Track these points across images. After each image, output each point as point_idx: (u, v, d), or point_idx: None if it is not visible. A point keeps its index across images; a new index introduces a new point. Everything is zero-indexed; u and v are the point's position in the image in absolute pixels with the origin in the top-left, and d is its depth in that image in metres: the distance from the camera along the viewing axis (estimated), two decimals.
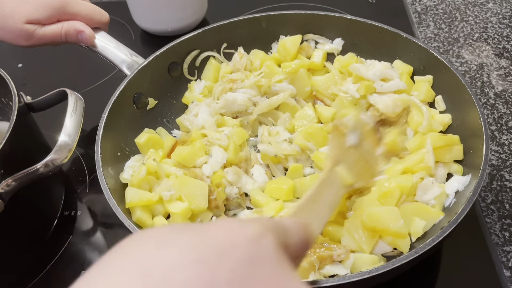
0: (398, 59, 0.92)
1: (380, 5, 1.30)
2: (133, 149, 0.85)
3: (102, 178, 0.70)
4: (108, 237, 0.83)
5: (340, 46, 0.98)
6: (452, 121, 0.82)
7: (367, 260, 0.65)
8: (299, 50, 0.96)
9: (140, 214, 0.71)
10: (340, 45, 0.98)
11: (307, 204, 0.52)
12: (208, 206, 0.75)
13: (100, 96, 0.88)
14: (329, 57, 0.98)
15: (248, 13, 1.27)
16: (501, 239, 0.79)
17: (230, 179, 0.78)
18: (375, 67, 0.87)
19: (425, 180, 0.73)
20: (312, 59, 0.96)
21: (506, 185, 0.87)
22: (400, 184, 0.70)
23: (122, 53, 0.90)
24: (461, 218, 0.60)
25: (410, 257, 0.57)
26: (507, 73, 1.10)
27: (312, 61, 0.95)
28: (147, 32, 1.26)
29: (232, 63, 0.96)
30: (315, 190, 0.54)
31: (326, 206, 0.54)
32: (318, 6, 1.28)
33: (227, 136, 0.82)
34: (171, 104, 0.96)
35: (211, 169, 0.79)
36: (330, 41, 0.99)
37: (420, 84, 0.87)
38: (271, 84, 0.90)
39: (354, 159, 0.61)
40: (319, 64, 0.95)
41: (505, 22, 1.24)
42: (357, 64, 0.89)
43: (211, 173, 0.78)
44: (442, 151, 0.76)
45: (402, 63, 0.91)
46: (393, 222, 0.65)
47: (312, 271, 0.63)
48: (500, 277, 0.73)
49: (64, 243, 0.81)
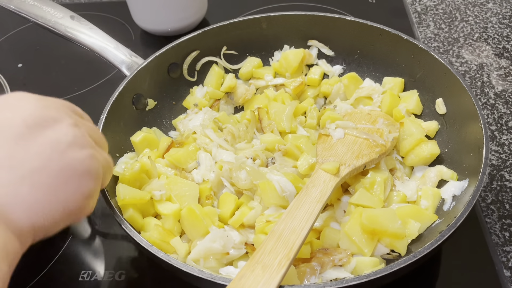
0: (387, 76, 0.94)
1: (380, 5, 1.30)
2: (132, 150, 0.85)
3: None
4: (108, 237, 0.83)
5: (339, 71, 0.99)
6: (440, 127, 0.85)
7: (369, 263, 0.65)
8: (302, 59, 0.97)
9: (132, 212, 0.71)
10: (338, 71, 1.00)
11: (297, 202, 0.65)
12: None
13: (100, 97, 0.88)
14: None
15: (248, 13, 1.27)
16: (501, 239, 0.79)
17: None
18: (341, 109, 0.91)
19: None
20: (310, 74, 0.98)
21: (506, 185, 0.87)
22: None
23: (121, 53, 0.90)
24: (460, 222, 0.61)
25: (408, 261, 0.57)
26: (507, 73, 1.09)
27: (309, 77, 0.97)
28: (147, 32, 1.26)
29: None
30: (302, 191, 0.66)
31: (313, 203, 0.65)
32: (318, 6, 1.28)
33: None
34: (171, 105, 0.96)
35: (201, 176, 0.79)
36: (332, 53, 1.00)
37: (409, 96, 0.89)
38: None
39: (342, 150, 0.77)
40: (317, 80, 0.97)
41: (505, 22, 1.24)
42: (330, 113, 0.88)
43: (200, 180, 0.79)
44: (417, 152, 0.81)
45: (392, 78, 0.92)
46: (391, 223, 0.66)
47: (313, 275, 0.63)
48: (500, 277, 0.73)
49: (63, 244, 0.81)
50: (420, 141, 0.81)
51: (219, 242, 0.67)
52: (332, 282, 0.55)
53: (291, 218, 0.63)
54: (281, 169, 0.79)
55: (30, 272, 0.78)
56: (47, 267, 0.78)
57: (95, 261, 0.79)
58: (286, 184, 0.73)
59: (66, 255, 0.80)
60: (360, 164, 0.75)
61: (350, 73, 0.95)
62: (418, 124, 0.84)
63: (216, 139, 0.84)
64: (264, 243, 0.59)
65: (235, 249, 0.69)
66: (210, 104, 0.96)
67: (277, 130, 0.87)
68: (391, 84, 0.92)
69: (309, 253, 0.68)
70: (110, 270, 0.77)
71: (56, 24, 0.91)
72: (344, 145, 0.79)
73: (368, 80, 0.96)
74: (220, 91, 0.96)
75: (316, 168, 0.74)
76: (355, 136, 0.80)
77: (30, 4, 0.92)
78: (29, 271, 0.78)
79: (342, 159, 0.75)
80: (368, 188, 0.73)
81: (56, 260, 0.79)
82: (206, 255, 0.67)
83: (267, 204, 0.74)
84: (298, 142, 0.83)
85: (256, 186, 0.75)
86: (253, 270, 0.55)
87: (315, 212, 0.64)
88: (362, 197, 0.72)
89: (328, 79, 0.98)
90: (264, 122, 0.87)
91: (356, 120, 0.84)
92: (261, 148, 0.82)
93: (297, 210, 0.64)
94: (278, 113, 0.88)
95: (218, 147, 0.84)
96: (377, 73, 0.97)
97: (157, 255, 0.60)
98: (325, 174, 0.72)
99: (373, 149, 0.78)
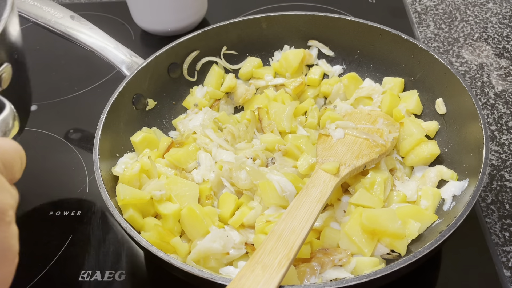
0: (387, 76, 0.94)
1: (380, 5, 1.30)
2: (132, 150, 0.85)
3: (100, 180, 0.70)
4: (108, 237, 0.83)
5: (339, 71, 1.00)
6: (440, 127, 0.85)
7: (369, 263, 0.65)
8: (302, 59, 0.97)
9: (132, 212, 0.71)
10: (338, 71, 1.00)
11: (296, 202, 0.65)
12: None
13: (99, 97, 0.89)
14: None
15: (248, 13, 1.27)
16: (501, 239, 0.79)
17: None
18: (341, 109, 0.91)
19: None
20: (310, 75, 0.98)
21: (506, 185, 0.87)
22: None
23: (121, 53, 0.90)
24: (460, 222, 0.61)
25: (408, 261, 0.57)
26: (507, 73, 1.09)
27: (309, 77, 0.97)
28: (147, 32, 1.26)
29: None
30: (302, 192, 0.66)
31: (313, 203, 0.65)
32: (318, 6, 1.28)
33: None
34: (171, 105, 0.96)
35: (201, 176, 0.79)
36: (332, 53, 1.00)
37: (409, 96, 0.89)
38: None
39: (342, 150, 0.77)
40: (317, 80, 0.97)
41: (505, 22, 1.24)
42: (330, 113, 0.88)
43: (200, 180, 0.79)
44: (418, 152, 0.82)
45: (392, 78, 0.92)
46: (391, 223, 0.66)
47: (314, 275, 0.63)
48: (500, 277, 0.73)
49: (63, 244, 0.81)
50: (420, 141, 0.81)
51: (219, 242, 0.67)
52: (332, 282, 0.55)
53: (291, 218, 0.63)
54: (281, 169, 0.79)
55: (30, 272, 0.78)
56: (47, 267, 0.78)
57: (95, 261, 0.79)
58: (286, 184, 0.73)
59: (66, 255, 0.80)
60: (360, 164, 0.75)
61: (350, 73, 0.95)
62: (418, 124, 0.84)
63: (216, 139, 0.84)
64: (264, 243, 0.59)
65: (235, 249, 0.69)
66: (210, 104, 0.97)
67: (277, 130, 0.87)
68: (391, 84, 0.92)
69: (309, 253, 0.68)
70: (110, 270, 0.77)
71: (56, 24, 0.91)
72: (344, 145, 0.79)
73: (368, 80, 0.96)
74: (220, 91, 0.96)
75: (316, 168, 0.74)
76: (355, 136, 0.80)
77: (30, 4, 0.92)
78: (29, 271, 0.78)
79: (342, 159, 0.75)
80: (368, 188, 0.73)
81: (56, 260, 0.79)
82: (206, 255, 0.68)
83: (267, 204, 0.74)
84: (298, 142, 0.83)
85: (256, 186, 0.75)
86: (253, 270, 0.55)
87: (315, 212, 0.64)
88: (362, 197, 0.72)
89: (328, 79, 0.98)
90: (264, 122, 0.87)
91: (356, 120, 0.84)
92: (261, 148, 0.82)
93: (297, 210, 0.64)
94: (278, 113, 0.88)
95: (218, 147, 0.84)
96: (377, 73, 0.97)
97: (157, 255, 0.60)
98: (325, 174, 0.72)
99: (373, 149, 0.78)
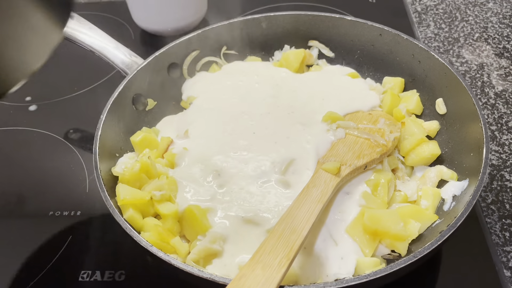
0: (387, 76, 0.94)
1: (380, 5, 1.30)
2: (132, 150, 0.84)
3: (100, 180, 0.70)
4: (107, 237, 0.83)
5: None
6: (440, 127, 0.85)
7: (370, 263, 0.65)
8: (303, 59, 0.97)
9: (132, 212, 0.70)
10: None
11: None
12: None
13: (100, 97, 0.88)
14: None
15: (248, 13, 1.27)
16: (501, 239, 0.79)
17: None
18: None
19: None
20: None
21: (506, 185, 0.87)
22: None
23: (121, 53, 0.90)
24: (460, 222, 0.61)
25: (408, 261, 0.57)
26: (507, 73, 1.09)
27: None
28: (147, 32, 1.26)
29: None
30: (303, 191, 0.68)
31: (314, 203, 0.66)
32: (318, 6, 1.28)
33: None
34: (171, 105, 0.96)
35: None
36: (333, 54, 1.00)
37: (409, 96, 0.89)
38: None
39: (343, 149, 0.78)
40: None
41: (505, 22, 1.24)
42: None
43: None
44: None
45: (392, 78, 0.92)
46: (393, 225, 0.66)
47: None
48: (500, 277, 0.73)
49: (63, 244, 0.81)
50: (421, 141, 0.80)
51: (218, 242, 0.67)
52: (332, 282, 0.55)
53: (291, 218, 0.63)
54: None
55: (30, 272, 0.78)
56: (47, 267, 0.78)
57: (95, 261, 0.79)
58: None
59: (66, 255, 0.80)
60: (361, 164, 0.75)
61: (351, 72, 0.95)
62: (419, 124, 0.84)
63: None
64: (264, 243, 0.59)
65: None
66: None
67: None
68: (391, 84, 0.92)
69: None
70: (110, 270, 0.77)
71: None
72: (345, 145, 0.79)
73: (368, 80, 0.96)
74: None
75: (317, 168, 0.74)
76: (356, 136, 0.80)
77: None
78: (29, 271, 0.78)
79: (343, 159, 0.75)
80: (372, 191, 0.73)
81: (56, 260, 0.79)
82: (206, 255, 0.67)
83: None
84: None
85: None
86: (253, 270, 0.55)
87: (316, 212, 0.64)
88: (366, 199, 0.72)
89: None
90: None
91: (357, 120, 0.84)
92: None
93: (297, 210, 0.64)
94: None
95: None
96: (377, 73, 0.97)
97: (157, 255, 0.60)
98: (326, 174, 0.72)
99: (374, 149, 0.78)
